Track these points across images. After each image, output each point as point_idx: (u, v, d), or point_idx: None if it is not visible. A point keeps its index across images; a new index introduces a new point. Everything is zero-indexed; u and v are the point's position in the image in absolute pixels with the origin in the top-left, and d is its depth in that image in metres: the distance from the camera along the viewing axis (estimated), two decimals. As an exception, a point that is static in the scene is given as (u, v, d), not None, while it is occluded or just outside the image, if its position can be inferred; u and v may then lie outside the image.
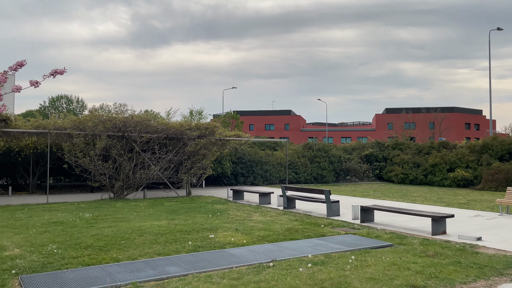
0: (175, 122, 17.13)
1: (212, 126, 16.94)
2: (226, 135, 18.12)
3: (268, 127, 67.77)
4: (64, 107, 59.56)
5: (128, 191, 15.16)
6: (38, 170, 17.38)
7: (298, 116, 70.18)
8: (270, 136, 52.23)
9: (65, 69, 6.90)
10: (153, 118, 17.62)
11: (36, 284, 4.95)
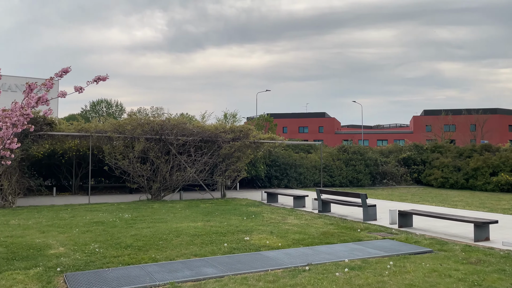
0: (210, 125, 17.38)
1: (246, 129, 17.06)
2: (260, 137, 18.19)
3: (302, 130, 67.41)
4: (104, 110, 61.71)
5: (165, 192, 15.50)
6: (80, 172, 18.10)
7: (332, 118, 69.39)
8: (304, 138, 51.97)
9: (107, 75, 7.17)
10: (189, 121, 17.94)
11: (79, 282, 5.15)
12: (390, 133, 67.16)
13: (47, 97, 6.65)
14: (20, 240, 7.48)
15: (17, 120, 6.42)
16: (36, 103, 6.47)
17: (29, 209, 12.19)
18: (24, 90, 6.46)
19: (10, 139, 6.51)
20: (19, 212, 11.41)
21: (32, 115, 6.75)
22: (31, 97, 6.42)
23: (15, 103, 6.50)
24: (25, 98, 6.54)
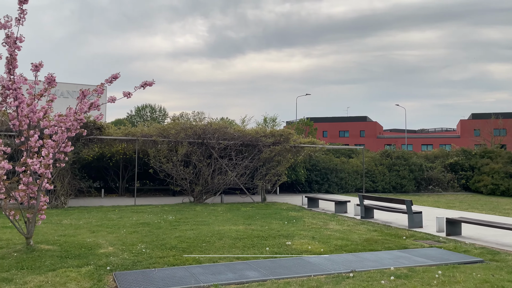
0: (251, 129, 17.53)
1: (286, 133, 17.05)
2: (301, 142, 18.13)
3: (342, 134, 66.37)
4: (148, 115, 63.71)
5: (206, 195, 15.78)
6: (126, 174, 18.79)
7: (374, 122, 67.85)
8: (345, 143, 51.18)
9: (153, 81, 7.41)
10: (230, 126, 18.21)
11: (127, 281, 5.35)
12: (435, 137, 64.74)
13: (99, 102, 7.00)
14: (72, 239, 7.86)
15: (71, 125, 6.80)
16: (89, 108, 6.82)
17: (80, 209, 12.80)
18: (77, 97, 6.83)
19: (64, 143, 6.89)
20: (70, 212, 12.01)
21: (85, 120, 7.12)
22: (84, 103, 6.78)
23: (69, 109, 6.89)
24: (78, 104, 6.91)
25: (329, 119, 67.63)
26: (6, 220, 9.62)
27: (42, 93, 6.67)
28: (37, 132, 6.82)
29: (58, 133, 6.76)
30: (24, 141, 6.74)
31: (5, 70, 6.38)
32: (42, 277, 5.33)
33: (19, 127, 6.61)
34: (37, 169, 6.53)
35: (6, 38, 6.14)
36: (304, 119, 44.82)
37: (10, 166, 6.27)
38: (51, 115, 7.44)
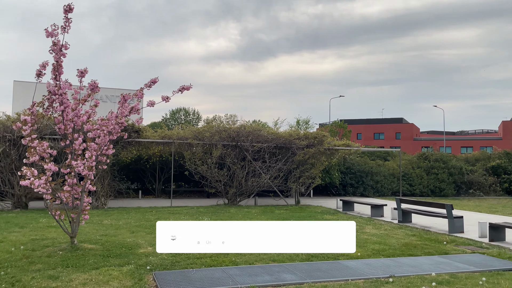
0: (284, 132, 17.51)
1: (320, 135, 16.92)
2: (335, 144, 17.93)
3: (377, 136, 65.08)
4: (182, 118, 64.92)
5: (240, 197, 15.89)
6: (163, 176, 19.22)
7: (410, 124, 66.12)
8: (380, 145, 50.11)
9: (190, 85, 7.55)
10: (262, 128, 18.26)
11: (167, 280, 5.48)
12: (475, 139, 62.27)
13: (139, 106, 7.21)
14: (113, 239, 8.13)
15: (113, 128, 7.04)
16: (129, 112, 7.04)
17: (119, 210, 13.20)
18: (119, 101, 7.07)
19: (106, 146, 7.15)
20: (110, 212, 12.41)
21: (126, 124, 7.36)
22: (125, 107, 7.00)
23: (111, 113, 7.13)
24: (119, 108, 7.15)
25: (364, 121, 66.50)
26: (52, 220, 10.07)
27: (86, 99, 6.94)
28: (81, 135, 7.11)
29: (100, 136, 7.01)
30: (68, 144, 7.03)
31: (51, 76, 6.69)
32: (86, 275, 5.54)
33: (64, 131, 6.91)
34: (81, 171, 6.81)
35: (53, 45, 6.45)
36: (337, 121, 44.27)
37: (56, 168, 6.57)
38: (93, 119, 7.72)
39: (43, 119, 9.77)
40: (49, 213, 11.02)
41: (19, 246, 7.21)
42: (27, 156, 6.51)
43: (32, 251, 6.91)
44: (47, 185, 6.47)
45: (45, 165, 6.46)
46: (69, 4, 6.36)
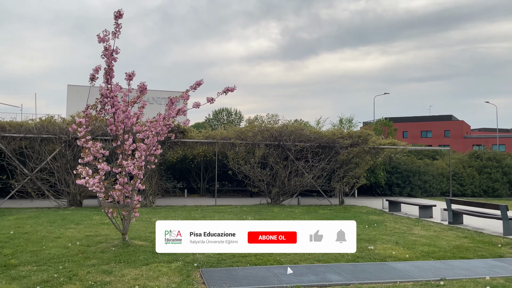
0: (327, 131, 17.31)
1: (365, 134, 16.58)
2: (380, 143, 17.50)
3: (425, 134, 62.74)
4: (225, 118, 65.77)
5: (283, 197, 15.89)
6: (207, 176, 19.61)
7: (460, 121, 63.20)
8: (427, 144, 48.27)
9: (235, 86, 7.66)
10: (305, 127, 18.13)
11: (213, 277, 5.60)
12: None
13: (185, 108, 7.41)
14: (161, 235, 8.39)
15: (161, 130, 7.27)
16: (176, 114, 7.26)
17: (166, 208, 13.62)
18: (166, 103, 7.30)
19: (155, 146, 7.40)
20: (158, 211, 12.83)
21: (173, 125, 7.58)
22: (172, 109, 7.22)
23: (159, 115, 7.38)
24: (166, 110, 7.38)
25: (410, 118, 64.33)
26: (104, 217, 10.56)
27: (135, 100, 7.23)
28: (131, 136, 7.41)
29: (149, 137, 7.27)
30: (119, 145, 7.35)
31: (103, 80, 7.02)
32: (138, 271, 5.77)
33: (116, 132, 7.23)
34: (131, 170, 7.09)
35: (105, 50, 6.76)
36: (382, 119, 43.18)
37: (108, 167, 6.89)
38: (141, 120, 8.02)
39: (96, 121, 10.26)
40: (101, 211, 11.56)
41: (75, 242, 7.62)
42: (82, 156, 6.87)
43: (87, 246, 7.28)
44: (101, 184, 6.79)
45: (99, 165, 6.79)
46: (119, 10, 6.64)
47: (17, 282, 5.17)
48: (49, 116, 14.95)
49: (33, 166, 13.62)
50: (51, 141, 13.88)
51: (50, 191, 13.72)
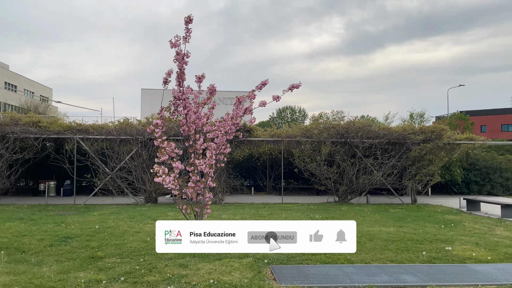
0: (397, 126, 16.64)
1: (438, 129, 15.71)
2: (456, 138, 16.48)
3: (506, 128, 57.89)
4: (288, 117, 65.78)
5: (351, 195, 15.56)
6: (273, 174, 19.77)
7: (547, 112, 57.43)
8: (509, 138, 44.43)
9: (300, 83, 7.66)
10: (373, 123, 17.56)
11: (284, 274, 5.66)
12: None
13: (252, 107, 7.55)
14: (231, 232, 8.64)
15: (229, 129, 7.48)
16: (244, 113, 7.42)
17: (234, 205, 13.96)
18: (234, 103, 7.49)
19: (224, 145, 7.63)
20: (227, 208, 13.19)
21: (241, 124, 7.77)
22: (239, 109, 7.40)
23: (227, 114, 7.60)
24: (234, 110, 7.57)
25: (489, 111, 59.68)
26: (178, 213, 11.09)
27: (205, 102, 7.50)
28: (202, 136, 7.70)
29: (218, 136, 7.51)
30: (191, 144, 7.68)
31: (176, 83, 7.37)
32: (211, 265, 6.01)
33: (188, 132, 7.56)
34: (203, 169, 7.38)
35: (177, 55, 7.09)
36: (457, 113, 40.54)
37: (182, 166, 7.23)
38: (211, 121, 8.29)
39: (169, 122, 10.81)
40: (175, 208, 12.15)
41: (153, 236, 8.08)
42: (158, 156, 7.27)
43: (163, 241, 7.70)
44: (175, 182, 7.14)
45: (173, 163, 7.15)
46: (189, 15, 6.93)
47: (104, 273, 5.62)
48: (126, 118, 15.98)
49: (113, 165, 14.67)
50: (129, 142, 14.86)
51: (129, 189, 14.68)
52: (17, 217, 10.64)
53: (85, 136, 14.64)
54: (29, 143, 14.82)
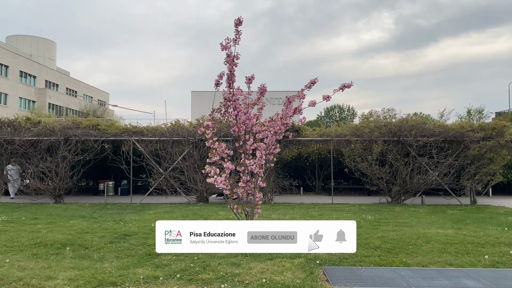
0: (454, 124, 15.86)
1: (500, 125, 14.79)
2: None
3: None
4: (337, 115, 64.73)
5: (405, 196, 15.04)
6: (322, 173, 19.56)
7: None
8: None
9: (352, 82, 7.52)
10: (428, 121, 16.84)
11: (337, 276, 5.58)
12: None
13: (302, 107, 7.52)
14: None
15: (279, 129, 7.50)
16: (293, 113, 7.41)
17: (284, 205, 13.96)
18: (284, 103, 7.50)
19: (274, 145, 7.66)
20: (276, 207, 13.22)
21: (290, 124, 7.76)
22: (289, 108, 7.39)
23: (276, 114, 7.62)
24: (283, 110, 7.57)
25: (556, 105, 55.20)
26: (229, 213, 11.28)
27: (255, 102, 7.57)
28: (251, 136, 7.78)
29: (268, 136, 7.55)
30: (241, 145, 7.77)
31: (226, 84, 7.49)
32: (263, 265, 6.05)
33: (238, 133, 7.66)
34: (253, 169, 7.45)
35: (227, 57, 7.21)
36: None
37: (233, 166, 7.35)
38: (260, 121, 8.34)
39: (220, 123, 11.01)
40: (226, 207, 12.37)
41: (205, 235, 8.29)
42: (210, 156, 7.44)
43: (215, 239, 7.86)
44: (226, 182, 7.27)
45: (224, 164, 7.28)
46: (239, 18, 7.02)
47: (160, 270, 5.83)
48: (177, 120, 16.48)
49: (166, 165, 15.19)
50: (180, 143, 15.32)
51: (181, 188, 15.13)
52: (79, 215, 11.31)
53: (140, 137, 15.28)
54: (89, 145, 15.70)
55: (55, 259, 6.40)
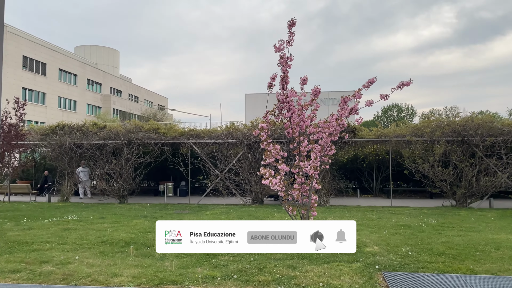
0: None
1: None
2: None
3: None
4: (395, 115, 62.41)
5: (471, 199, 14.16)
6: (380, 175, 18.93)
7: None
8: None
9: (411, 80, 7.22)
10: (494, 119, 15.74)
11: (398, 282, 5.36)
12: None
13: (358, 107, 7.33)
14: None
15: (334, 130, 7.37)
16: (349, 113, 7.24)
17: (340, 208, 13.69)
18: (339, 103, 7.36)
19: (329, 146, 7.54)
20: (332, 210, 12.99)
21: (346, 125, 7.60)
22: (345, 109, 7.24)
23: (332, 115, 7.49)
24: (339, 110, 7.43)
25: None
26: (284, 215, 11.27)
27: (309, 104, 7.50)
28: (305, 138, 7.71)
29: (323, 138, 7.44)
30: (296, 146, 7.73)
31: (279, 86, 7.49)
32: (320, 268, 5.96)
33: (292, 134, 7.63)
34: (307, 171, 7.38)
35: (280, 59, 7.21)
36: None
37: (287, 168, 7.32)
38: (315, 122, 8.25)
39: (274, 125, 11.05)
40: (281, 209, 12.36)
41: (261, 236, 8.34)
42: (264, 158, 7.47)
43: (271, 241, 7.88)
44: (281, 184, 7.26)
45: (279, 165, 7.28)
46: (292, 19, 7.00)
47: (218, 270, 5.94)
48: (232, 123, 16.75)
49: (222, 167, 15.49)
50: (235, 145, 15.55)
51: (237, 190, 15.35)
52: (142, 215, 11.84)
53: (197, 140, 15.72)
54: (150, 148, 16.41)
55: (120, 257, 6.75)
